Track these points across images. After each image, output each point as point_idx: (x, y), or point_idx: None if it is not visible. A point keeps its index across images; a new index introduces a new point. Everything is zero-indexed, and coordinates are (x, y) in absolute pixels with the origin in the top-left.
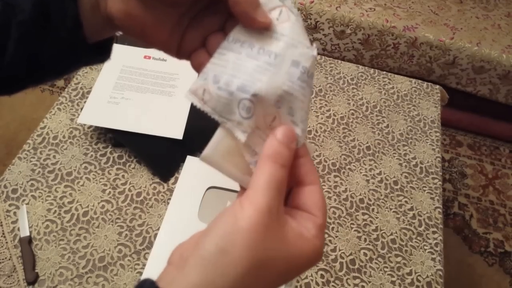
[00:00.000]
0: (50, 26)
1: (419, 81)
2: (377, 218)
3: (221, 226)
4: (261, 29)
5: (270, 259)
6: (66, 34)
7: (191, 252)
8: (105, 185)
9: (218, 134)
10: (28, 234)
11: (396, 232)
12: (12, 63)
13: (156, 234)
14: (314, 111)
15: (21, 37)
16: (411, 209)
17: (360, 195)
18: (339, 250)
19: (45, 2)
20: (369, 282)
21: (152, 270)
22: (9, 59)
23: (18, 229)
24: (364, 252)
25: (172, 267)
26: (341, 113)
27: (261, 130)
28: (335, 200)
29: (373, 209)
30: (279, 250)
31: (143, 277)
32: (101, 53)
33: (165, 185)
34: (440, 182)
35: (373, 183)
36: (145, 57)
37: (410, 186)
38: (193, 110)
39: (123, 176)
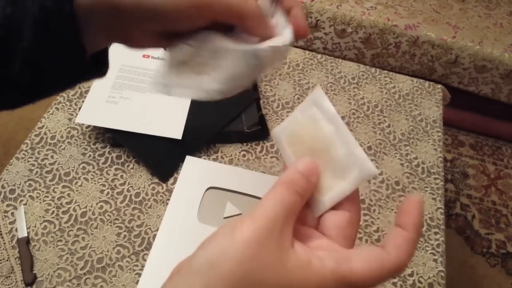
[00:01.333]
0: (52, 53)
1: (421, 80)
2: (378, 218)
3: (217, 239)
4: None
5: (262, 280)
6: (69, 61)
7: (185, 263)
8: (104, 185)
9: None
10: (26, 234)
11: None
12: (16, 82)
13: (155, 235)
14: None
15: (24, 61)
16: None
17: (362, 195)
18: None
19: (46, 29)
20: None
21: (151, 271)
22: (14, 79)
23: (16, 230)
24: None
25: (168, 279)
26: (342, 113)
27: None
28: None
29: (374, 210)
30: (274, 272)
31: (142, 277)
32: (100, 67)
33: (164, 185)
34: (442, 183)
35: (375, 183)
36: (143, 56)
37: (412, 187)
38: (193, 110)
39: (121, 176)
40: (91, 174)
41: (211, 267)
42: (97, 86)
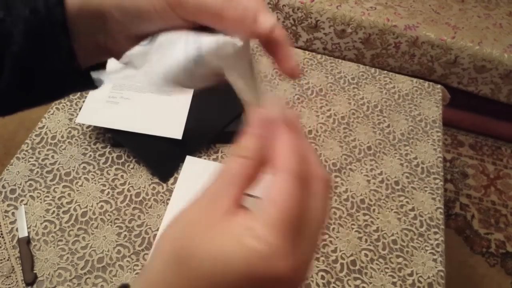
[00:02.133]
0: (43, 58)
1: (421, 80)
2: (378, 218)
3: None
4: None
5: (192, 255)
6: (61, 66)
7: None
8: (104, 185)
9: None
10: (26, 234)
11: (397, 233)
12: (7, 88)
13: (155, 235)
14: (314, 111)
15: (15, 67)
16: (412, 209)
17: (361, 195)
18: (340, 251)
19: (38, 34)
20: (370, 283)
21: None
22: (5, 84)
23: (17, 230)
24: (365, 253)
25: None
26: (342, 113)
27: None
28: (335, 200)
29: (374, 210)
30: (205, 247)
31: None
32: (93, 80)
33: (164, 185)
34: (441, 183)
35: (374, 183)
36: None
37: (411, 187)
38: (193, 109)
39: (122, 176)
40: (92, 174)
41: (155, 249)
42: None
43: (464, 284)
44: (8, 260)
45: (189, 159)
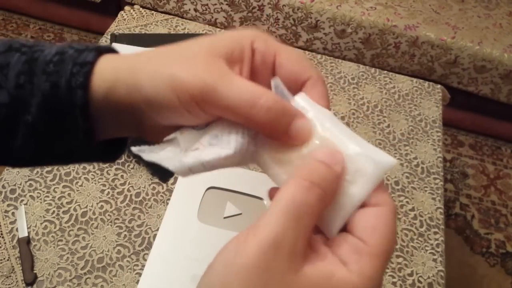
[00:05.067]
0: (58, 133)
1: (421, 80)
2: None
3: (220, 260)
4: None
5: None
6: (76, 144)
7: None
8: (104, 185)
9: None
10: (26, 234)
11: (397, 233)
12: (21, 151)
13: (155, 235)
14: None
15: (28, 135)
16: (412, 209)
17: None
18: None
19: (55, 110)
20: None
21: (151, 271)
22: (18, 147)
23: (17, 230)
24: None
25: None
26: (342, 113)
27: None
28: None
29: None
30: None
31: (143, 277)
32: (112, 152)
33: (165, 185)
34: (441, 182)
35: None
36: None
37: (412, 187)
38: None
39: (122, 176)
40: (92, 174)
41: None
42: None
43: (464, 284)
44: (8, 260)
45: None
